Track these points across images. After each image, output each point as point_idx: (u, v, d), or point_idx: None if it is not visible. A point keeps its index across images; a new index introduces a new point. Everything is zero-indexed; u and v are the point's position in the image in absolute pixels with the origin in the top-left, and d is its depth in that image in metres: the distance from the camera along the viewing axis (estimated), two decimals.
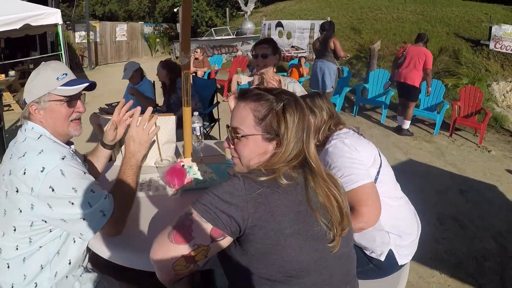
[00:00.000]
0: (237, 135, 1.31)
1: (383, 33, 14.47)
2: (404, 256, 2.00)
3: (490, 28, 11.99)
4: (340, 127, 2.09)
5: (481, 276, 3.35)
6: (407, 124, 7.62)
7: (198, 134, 2.82)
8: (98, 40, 17.73)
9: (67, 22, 15.90)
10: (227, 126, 1.38)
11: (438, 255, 3.61)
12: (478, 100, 8.15)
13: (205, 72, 10.31)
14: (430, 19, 14.80)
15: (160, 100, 5.45)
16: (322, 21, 11.63)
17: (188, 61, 2.13)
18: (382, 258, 1.94)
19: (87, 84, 1.77)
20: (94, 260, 1.87)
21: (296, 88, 3.10)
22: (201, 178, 2.12)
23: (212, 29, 17.72)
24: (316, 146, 2.08)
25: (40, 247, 1.64)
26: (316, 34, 11.65)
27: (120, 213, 1.68)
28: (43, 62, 1.73)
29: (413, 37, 13.46)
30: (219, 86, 8.18)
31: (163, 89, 5.17)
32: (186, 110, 2.28)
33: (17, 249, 1.61)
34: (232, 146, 1.36)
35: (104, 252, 1.67)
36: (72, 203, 1.54)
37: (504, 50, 11.93)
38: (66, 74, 1.71)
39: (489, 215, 4.51)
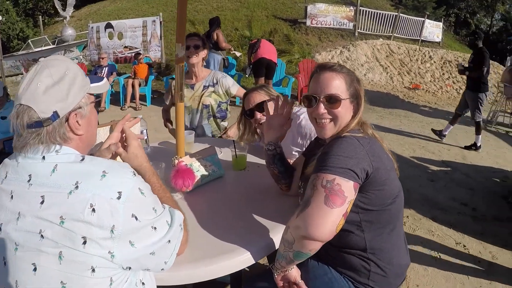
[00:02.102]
0: (339, 99, 1.50)
1: (207, 23, 14.91)
2: None
3: (306, 7, 13.40)
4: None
5: None
6: None
7: (146, 137, 2.65)
8: None
9: None
10: (311, 96, 1.55)
11: None
12: None
13: None
14: (248, 5, 15.80)
15: None
16: (154, 18, 11.66)
17: (184, 53, 2.00)
18: None
19: (104, 79, 1.38)
20: None
21: (229, 81, 3.18)
22: (206, 173, 2.06)
23: (30, 40, 15.94)
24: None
25: None
26: (150, 31, 11.52)
27: (185, 222, 1.36)
28: (44, 58, 1.17)
29: (235, 24, 14.41)
30: None
31: None
32: (180, 106, 2.12)
33: None
34: (325, 111, 1.51)
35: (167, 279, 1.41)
36: (155, 228, 1.16)
37: (319, 25, 13.50)
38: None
39: None
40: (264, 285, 1.64)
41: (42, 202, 1.05)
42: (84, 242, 1.02)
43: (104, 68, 9.67)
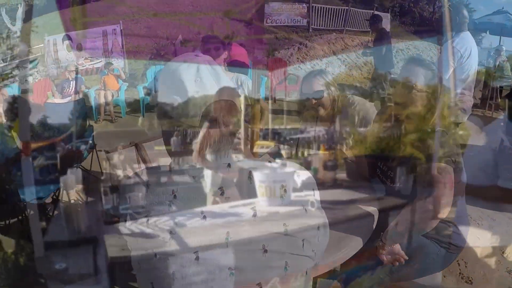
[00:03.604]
0: None
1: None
2: None
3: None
4: None
5: None
6: None
7: None
8: None
9: None
10: None
11: None
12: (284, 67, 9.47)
13: None
14: (201, 8, 15.74)
15: None
16: (114, 26, 11.45)
17: None
18: None
19: None
20: None
21: (242, 77, 3.30)
22: None
23: None
24: None
25: None
26: (111, 41, 11.36)
27: None
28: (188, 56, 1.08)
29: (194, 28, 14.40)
30: None
31: None
32: None
33: None
34: None
35: None
36: None
37: (275, 24, 13.86)
38: None
39: None
40: (367, 265, 1.79)
41: (254, 215, 0.95)
42: (303, 245, 0.96)
43: (71, 82, 9.27)
